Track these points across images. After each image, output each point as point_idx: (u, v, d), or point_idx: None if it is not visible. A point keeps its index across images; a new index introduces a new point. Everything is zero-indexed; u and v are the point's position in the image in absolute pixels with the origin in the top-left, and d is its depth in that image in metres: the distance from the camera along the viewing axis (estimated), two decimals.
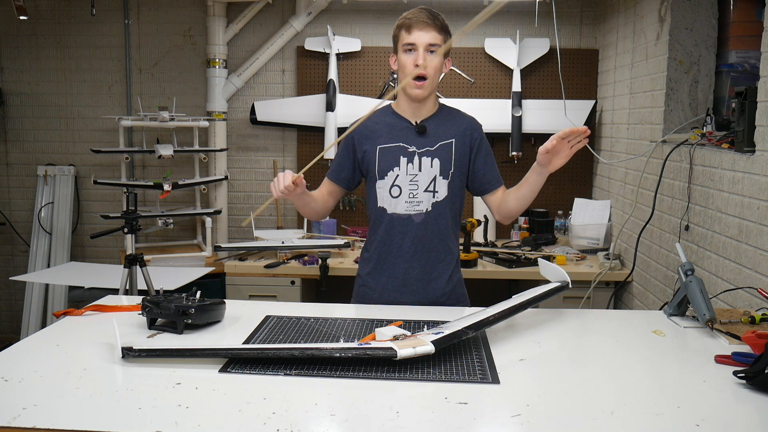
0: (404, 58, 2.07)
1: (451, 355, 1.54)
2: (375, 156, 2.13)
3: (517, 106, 4.00)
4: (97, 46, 4.36)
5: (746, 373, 1.38)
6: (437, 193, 2.12)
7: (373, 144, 2.14)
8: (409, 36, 2.04)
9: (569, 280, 1.94)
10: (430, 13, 2.05)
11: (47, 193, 4.39)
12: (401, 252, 2.13)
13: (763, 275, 2.08)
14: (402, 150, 2.12)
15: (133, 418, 1.21)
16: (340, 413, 1.24)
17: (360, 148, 2.16)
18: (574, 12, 4.16)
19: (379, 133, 2.15)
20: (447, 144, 2.13)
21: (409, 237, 2.12)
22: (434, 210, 2.12)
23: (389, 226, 2.14)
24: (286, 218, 4.38)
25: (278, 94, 4.31)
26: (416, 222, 2.12)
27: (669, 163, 2.86)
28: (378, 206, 2.15)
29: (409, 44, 2.04)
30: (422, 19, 2.03)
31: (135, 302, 1.91)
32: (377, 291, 2.17)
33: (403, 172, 2.11)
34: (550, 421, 1.22)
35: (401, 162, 2.11)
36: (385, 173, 2.12)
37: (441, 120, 2.16)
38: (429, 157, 2.11)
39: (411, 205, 2.12)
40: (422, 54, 2.03)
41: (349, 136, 2.16)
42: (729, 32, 2.83)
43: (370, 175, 2.16)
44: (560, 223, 4.11)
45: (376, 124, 2.17)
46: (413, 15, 2.05)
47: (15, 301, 4.59)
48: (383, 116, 2.19)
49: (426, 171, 2.11)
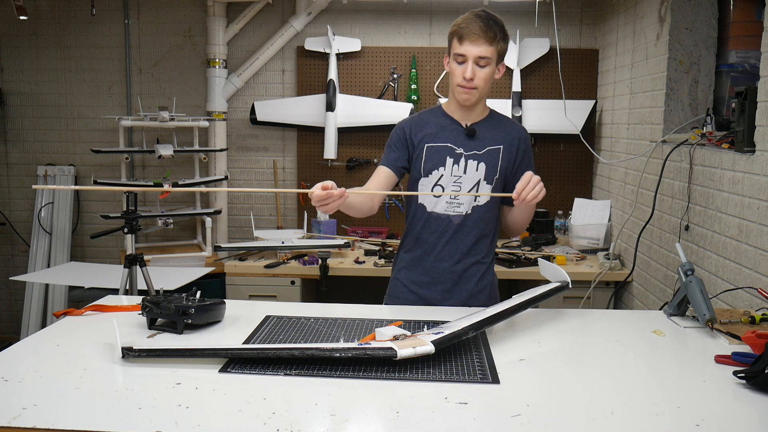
0: (454, 67, 2.03)
1: (451, 355, 1.54)
2: (422, 153, 2.12)
3: (517, 106, 4.00)
4: (97, 46, 4.36)
5: (746, 373, 1.38)
6: (479, 197, 2.11)
7: (423, 141, 2.13)
8: (460, 46, 1.99)
9: (569, 280, 1.94)
10: (484, 23, 1.98)
11: (47, 192, 4.38)
12: (435, 250, 2.14)
13: (763, 275, 2.08)
14: (450, 151, 2.11)
15: (133, 418, 1.21)
16: (340, 413, 1.24)
17: (412, 142, 2.15)
18: (574, 12, 4.16)
19: (429, 130, 2.14)
20: (495, 150, 2.11)
21: (445, 237, 2.13)
22: (474, 214, 2.12)
23: (426, 223, 2.14)
24: (286, 218, 4.38)
25: (278, 94, 4.31)
26: (455, 223, 2.12)
27: (669, 163, 2.86)
28: (418, 203, 2.15)
29: (459, 54, 2.00)
30: (474, 30, 1.97)
31: (135, 302, 1.91)
32: (408, 285, 2.18)
33: (447, 173, 2.10)
34: (550, 421, 1.22)
35: (447, 162, 2.10)
36: (430, 172, 2.11)
37: (491, 126, 2.14)
38: (475, 161, 2.10)
39: (451, 206, 2.11)
40: (471, 67, 1.99)
41: (403, 129, 2.15)
42: (729, 32, 2.83)
43: (414, 171, 2.15)
44: (560, 223, 4.11)
45: (427, 123, 2.15)
46: (466, 25, 1.99)
47: (15, 301, 4.59)
48: (433, 116, 2.17)
49: (471, 174, 2.10)
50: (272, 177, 4.34)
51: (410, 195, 2.17)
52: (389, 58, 4.17)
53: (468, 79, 2.00)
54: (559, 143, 4.15)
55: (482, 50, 1.98)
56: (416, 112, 2.23)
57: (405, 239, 2.23)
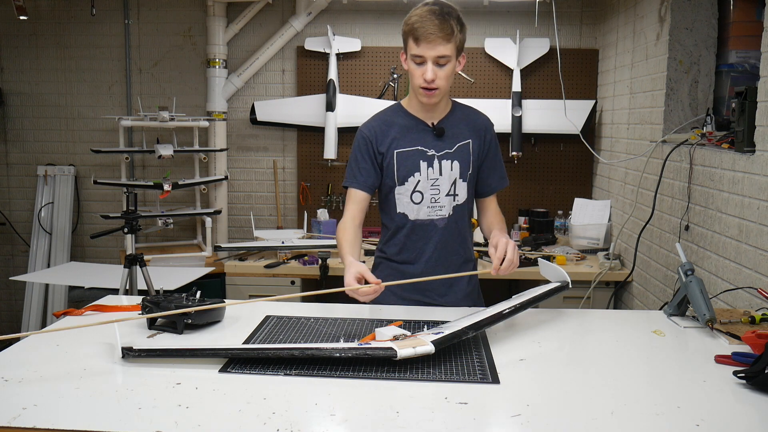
0: (413, 68, 1.95)
1: (451, 355, 1.53)
2: (393, 161, 2.05)
3: (517, 106, 4.00)
4: (97, 46, 4.36)
5: (746, 373, 1.38)
6: (458, 196, 2.08)
7: (391, 147, 2.05)
8: (417, 48, 1.91)
9: (569, 280, 1.94)
10: (439, 20, 1.88)
11: (47, 193, 4.38)
12: (423, 257, 2.10)
13: (763, 275, 2.08)
14: (421, 154, 2.05)
15: (133, 418, 1.21)
16: (340, 413, 1.24)
17: (378, 151, 2.07)
18: (574, 12, 4.16)
19: (394, 134, 2.06)
20: (465, 145, 2.08)
21: (432, 242, 2.09)
22: (455, 213, 2.09)
23: (410, 231, 2.09)
24: (286, 218, 4.38)
25: (278, 94, 4.31)
26: (439, 227, 2.08)
27: (669, 163, 2.86)
28: (398, 212, 2.10)
29: (417, 56, 1.92)
30: (430, 31, 1.87)
31: (135, 302, 1.91)
32: (398, 294, 2.10)
33: (424, 177, 2.05)
34: (550, 421, 1.22)
35: (421, 167, 2.05)
36: (405, 179, 2.06)
37: (457, 119, 2.09)
38: (449, 160, 2.06)
39: (433, 210, 2.07)
40: (431, 68, 1.91)
41: (367, 139, 2.07)
42: (729, 32, 2.83)
43: (387, 180, 2.08)
44: (560, 223, 4.11)
45: (391, 126, 2.08)
46: (420, 24, 1.88)
47: (15, 301, 4.59)
48: (396, 116, 2.10)
49: (446, 174, 2.06)
50: (272, 177, 4.34)
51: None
52: (389, 58, 4.17)
53: (429, 81, 1.93)
54: (559, 143, 4.15)
55: (440, 50, 1.90)
56: (376, 114, 2.14)
57: (386, 247, 2.16)
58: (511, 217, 4.19)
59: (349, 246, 1.94)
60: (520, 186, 4.21)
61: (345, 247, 1.94)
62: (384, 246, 2.19)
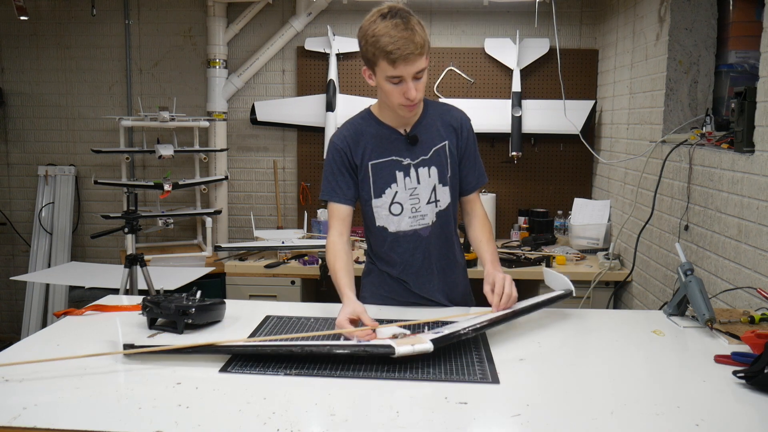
0: (389, 88, 1.83)
1: (451, 355, 1.54)
2: (368, 173, 1.98)
3: (516, 106, 4.00)
4: (97, 47, 4.36)
5: (746, 373, 1.38)
6: (439, 201, 2.00)
7: (364, 159, 1.97)
8: (393, 69, 1.78)
9: (573, 288, 1.92)
10: (408, 33, 1.77)
11: (48, 193, 4.39)
12: (413, 268, 2.03)
13: (762, 275, 2.08)
14: (396, 164, 1.97)
15: (133, 418, 1.21)
16: (340, 413, 1.24)
17: (353, 163, 1.98)
18: (574, 12, 4.16)
19: (366, 145, 1.97)
20: (441, 148, 1.99)
21: (419, 252, 2.02)
22: (439, 219, 2.01)
23: (394, 243, 2.02)
24: (286, 218, 4.38)
25: (278, 95, 4.31)
26: (424, 236, 2.00)
27: (668, 163, 2.86)
28: (377, 225, 2.02)
29: (395, 77, 1.80)
30: (408, 50, 1.75)
31: (135, 302, 1.91)
32: (397, 299, 2.06)
33: (402, 188, 1.97)
34: (550, 421, 1.22)
35: (398, 177, 1.97)
36: (383, 191, 1.98)
37: (430, 121, 2.00)
38: (426, 167, 1.97)
39: (415, 220, 1.99)
40: (411, 85, 1.81)
41: (341, 150, 1.98)
42: (729, 32, 2.83)
43: (363, 193, 2.00)
44: (560, 223, 4.11)
45: (362, 135, 1.98)
46: (394, 45, 1.75)
47: (15, 301, 4.59)
48: (367, 125, 2.00)
49: (425, 182, 1.98)
50: (272, 177, 4.34)
51: None
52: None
53: (414, 100, 1.83)
54: (559, 143, 4.15)
55: (418, 65, 1.79)
56: (347, 122, 2.04)
57: (374, 256, 2.09)
58: (510, 217, 4.20)
59: (344, 275, 1.85)
60: (520, 186, 4.21)
61: (341, 277, 1.84)
62: (371, 253, 2.13)
